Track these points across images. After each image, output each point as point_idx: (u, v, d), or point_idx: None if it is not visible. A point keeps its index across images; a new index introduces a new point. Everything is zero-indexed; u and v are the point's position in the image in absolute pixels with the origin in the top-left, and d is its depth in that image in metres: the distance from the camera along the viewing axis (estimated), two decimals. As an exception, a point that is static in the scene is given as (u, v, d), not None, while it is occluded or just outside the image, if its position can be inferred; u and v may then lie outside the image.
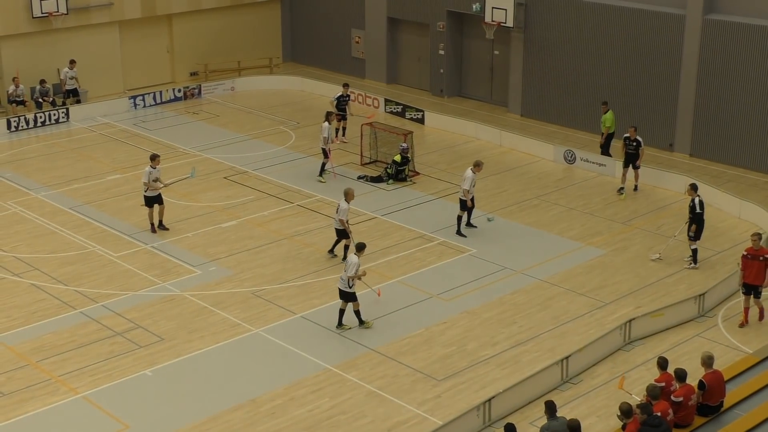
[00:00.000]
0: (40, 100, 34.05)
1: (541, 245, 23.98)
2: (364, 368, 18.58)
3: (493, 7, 33.12)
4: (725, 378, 16.36)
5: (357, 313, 19.92)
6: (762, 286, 19.73)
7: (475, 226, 24.75)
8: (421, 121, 33.70)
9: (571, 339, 19.53)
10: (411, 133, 28.96)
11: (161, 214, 24.52)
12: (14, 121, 32.67)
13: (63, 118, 33.67)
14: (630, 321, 19.38)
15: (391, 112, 34.64)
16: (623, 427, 14.79)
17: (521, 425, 16.21)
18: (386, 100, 35.09)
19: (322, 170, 28.05)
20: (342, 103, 30.95)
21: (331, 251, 23.13)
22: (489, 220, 25.11)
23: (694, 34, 29.13)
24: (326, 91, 37.05)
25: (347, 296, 19.73)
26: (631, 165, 26.85)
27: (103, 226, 25.00)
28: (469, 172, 24.19)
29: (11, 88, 33.33)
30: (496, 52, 35.40)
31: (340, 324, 19.89)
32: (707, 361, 16.04)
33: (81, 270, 22.59)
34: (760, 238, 19.87)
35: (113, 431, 16.66)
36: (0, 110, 33.85)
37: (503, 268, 22.72)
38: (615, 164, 28.47)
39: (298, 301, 21.15)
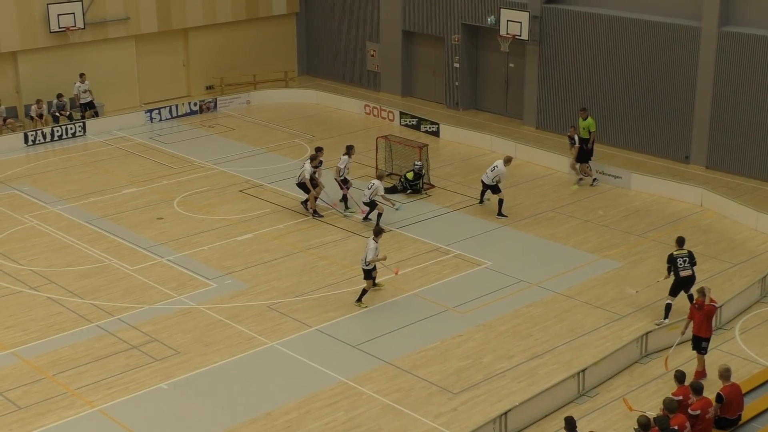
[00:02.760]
0: (57, 114, 34.27)
1: (556, 258, 23.92)
2: (380, 381, 18.55)
3: (507, 20, 33.15)
4: (743, 391, 16.27)
5: (363, 291, 21.22)
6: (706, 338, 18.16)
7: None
8: (436, 133, 33.73)
9: (588, 352, 19.45)
10: (426, 146, 28.96)
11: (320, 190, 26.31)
12: (31, 135, 32.89)
13: (80, 131, 33.87)
14: (647, 334, 19.30)
15: (406, 125, 34.68)
16: (640, 441, 14.72)
17: (537, 439, 16.18)
18: (401, 113, 35.13)
19: (346, 202, 26.92)
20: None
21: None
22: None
23: (709, 46, 29.07)
24: (341, 104, 37.21)
25: (364, 273, 21.17)
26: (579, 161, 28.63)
27: (120, 240, 25.09)
28: (501, 167, 26.05)
29: (33, 108, 33.63)
30: (511, 65, 35.41)
31: (359, 299, 21.41)
32: (725, 373, 15.97)
33: (97, 283, 22.66)
34: (703, 294, 18.08)
35: (129, 444, 16.72)
36: (17, 124, 34.06)
37: (519, 280, 22.67)
38: (630, 176, 28.43)
39: (313, 314, 21.15)
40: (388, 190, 27.70)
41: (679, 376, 16.06)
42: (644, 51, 30.68)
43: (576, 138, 28.53)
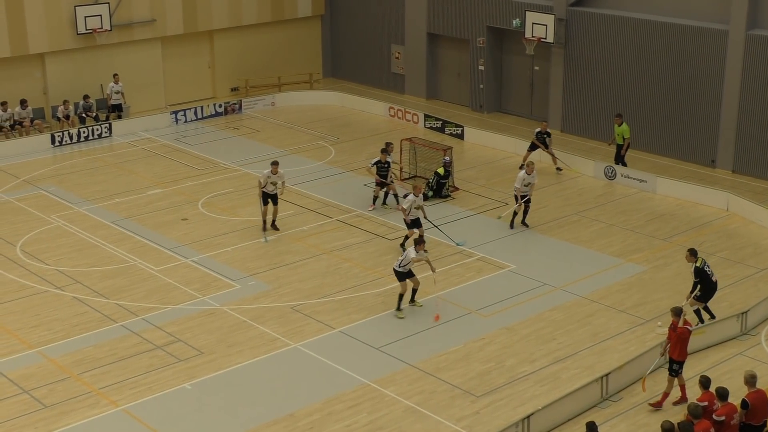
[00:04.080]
0: (84, 115, 34.51)
1: (580, 261, 23.82)
2: (402, 384, 18.55)
3: (533, 23, 33.08)
4: (769, 397, 16.12)
5: (399, 296, 21.04)
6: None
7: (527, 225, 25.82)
8: (461, 136, 33.69)
9: (611, 356, 19.36)
10: (450, 148, 28.94)
11: (275, 213, 25.37)
12: (58, 136, 33.14)
13: (105, 133, 34.08)
14: (671, 339, 19.17)
15: (431, 128, 34.67)
16: (664, 446, 14.63)
17: (560, 443, 16.13)
18: (426, 116, 35.12)
19: (385, 197, 27.13)
20: (382, 170, 26.84)
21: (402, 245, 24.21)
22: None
23: (737, 49, 28.87)
24: (366, 106, 37.25)
25: (396, 275, 20.96)
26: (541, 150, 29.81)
27: (144, 240, 25.22)
28: (521, 173, 25.37)
29: (60, 109, 33.94)
30: (536, 68, 35.33)
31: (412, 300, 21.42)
32: (750, 380, 15.82)
33: (122, 283, 22.80)
34: (678, 314, 17.39)
35: (152, 444, 16.81)
36: (44, 125, 34.33)
37: (542, 284, 22.59)
38: (656, 180, 28.29)
39: (336, 316, 21.17)
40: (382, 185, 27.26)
41: (704, 382, 15.94)
42: (671, 54, 30.52)
43: (549, 132, 30.08)
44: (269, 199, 25.33)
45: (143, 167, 31.06)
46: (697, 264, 19.92)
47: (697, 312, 20.28)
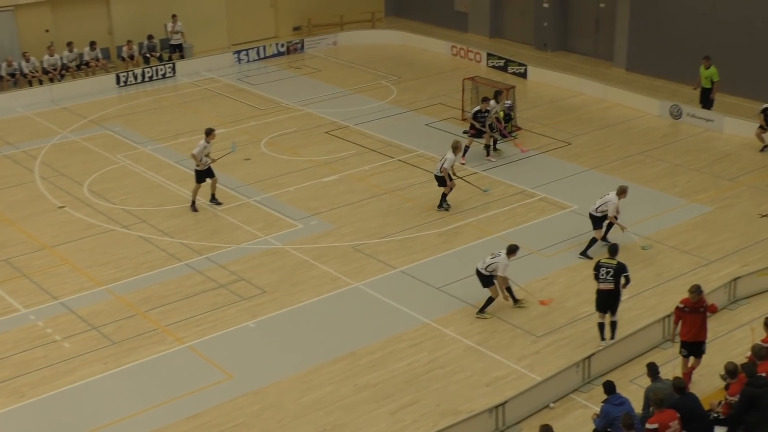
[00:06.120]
0: (148, 55, 34.79)
1: (644, 201, 23.52)
2: (463, 323, 18.63)
3: (599, -42, 32.40)
4: (835, 341, 15.86)
5: (489, 300, 18.72)
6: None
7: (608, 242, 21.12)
8: (524, 75, 33.29)
9: (674, 297, 19.12)
10: (513, 87, 28.62)
11: (213, 187, 23.77)
12: (123, 76, 33.47)
13: (169, 73, 34.34)
14: (735, 279, 18.96)
15: (494, 67, 34.30)
16: (726, 387, 14.54)
17: (621, 383, 16.04)
18: (489, 54, 34.74)
19: (491, 147, 26.39)
20: (480, 119, 26.23)
21: (440, 206, 23.18)
22: (644, 248, 21.18)
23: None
24: (428, 45, 36.96)
25: (484, 280, 18.61)
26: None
27: (208, 180, 25.42)
28: (612, 196, 20.88)
29: (124, 49, 34.26)
30: (602, 5, 34.63)
31: (481, 310, 18.86)
32: (816, 323, 15.58)
33: (186, 223, 23.12)
34: (699, 292, 15.92)
35: (218, 380, 17.11)
36: (110, 65, 34.68)
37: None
38: (723, 119, 27.73)
39: (398, 255, 21.26)
40: (476, 135, 26.88)
41: (770, 324, 15.74)
42: (741, -11, 29.68)
43: None
44: (205, 176, 23.50)
45: (207, 107, 31.28)
46: (601, 258, 17.52)
47: (600, 326, 17.59)
